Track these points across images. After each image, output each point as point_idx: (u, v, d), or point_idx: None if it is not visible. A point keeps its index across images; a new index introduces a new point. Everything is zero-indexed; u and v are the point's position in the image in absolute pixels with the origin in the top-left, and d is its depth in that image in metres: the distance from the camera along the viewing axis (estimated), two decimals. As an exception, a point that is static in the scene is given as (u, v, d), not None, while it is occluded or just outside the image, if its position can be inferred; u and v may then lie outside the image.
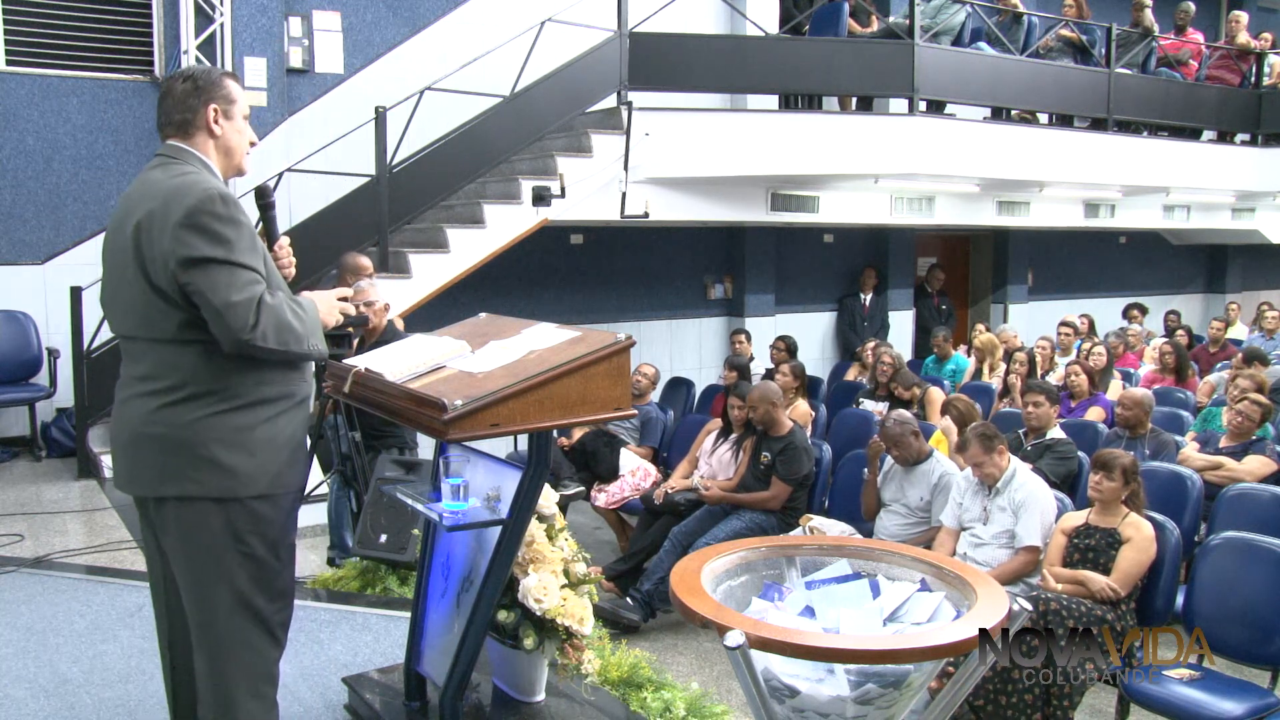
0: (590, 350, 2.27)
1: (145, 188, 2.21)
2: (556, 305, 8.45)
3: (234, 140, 2.33)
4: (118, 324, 2.28)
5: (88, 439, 6.07)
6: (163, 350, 2.17)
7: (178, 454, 2.15)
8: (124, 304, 2.22)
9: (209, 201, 2.10)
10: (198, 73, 2.31)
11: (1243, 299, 11.56)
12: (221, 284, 2.08)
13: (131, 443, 2.22)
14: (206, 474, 2.15)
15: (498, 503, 2.43)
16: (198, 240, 2.07)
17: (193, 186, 2.13)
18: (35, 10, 6.85)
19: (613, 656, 3.16)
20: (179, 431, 2.15)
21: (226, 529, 2.17)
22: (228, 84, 2.32)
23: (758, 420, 5.43)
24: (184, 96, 2.27)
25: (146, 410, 2.18)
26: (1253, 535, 3.80)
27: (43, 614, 3.80)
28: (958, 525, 4.51)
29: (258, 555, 2.21)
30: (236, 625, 2.20)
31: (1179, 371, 7.62)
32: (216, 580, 2.19)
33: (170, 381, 2.16)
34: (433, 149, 6.69)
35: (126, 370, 2.26)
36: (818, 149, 7.55)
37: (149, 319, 2.17)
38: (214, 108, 2.28)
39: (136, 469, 2.23)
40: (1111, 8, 10.22)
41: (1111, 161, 9.09)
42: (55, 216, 6.96)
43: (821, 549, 2.45)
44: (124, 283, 2.20)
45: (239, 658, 2.22)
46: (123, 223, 2.21)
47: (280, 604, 2.28)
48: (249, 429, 2.18)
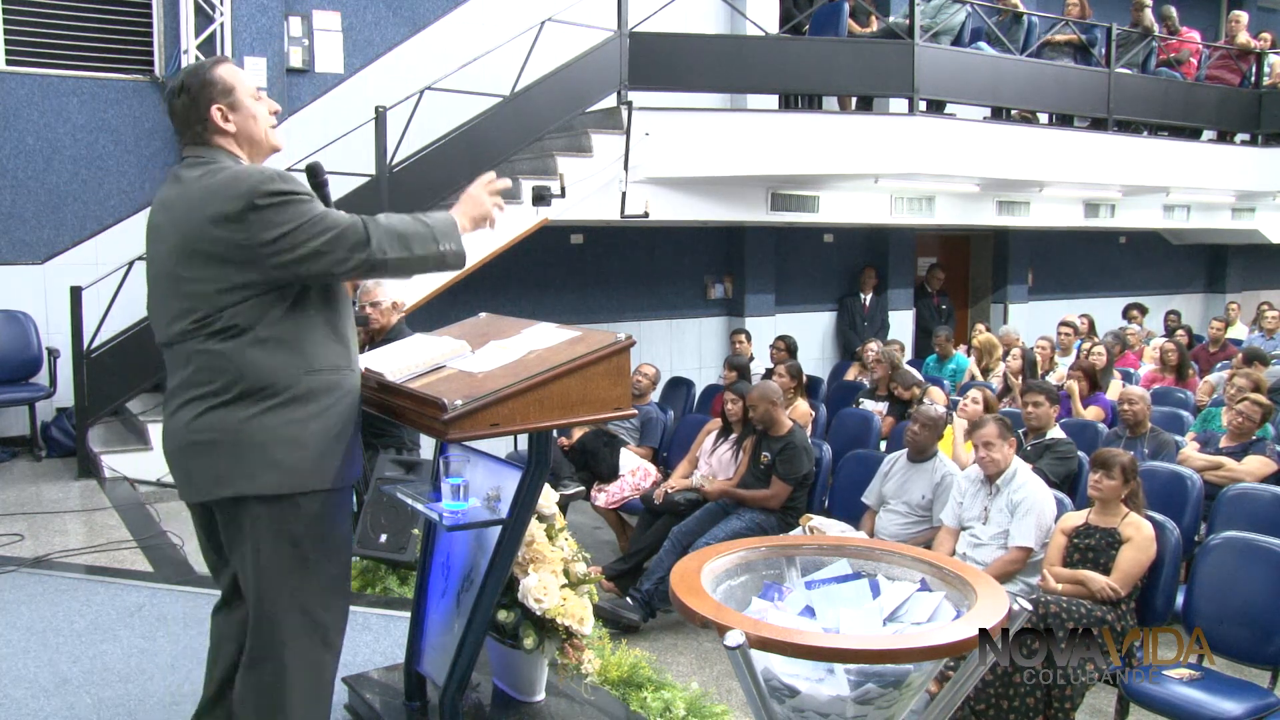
0: (590, 350, 2.27)
1: (184, 186, 2.17)
2: (556, 305, 8.44)
3: (249, 129, 2.26)
4: (163, 330, 2.23)
5: (87, 439, 6.07)
6: (209, 350, 2.13)
7: (233, 455, 2.12)
8: (169, 306, 2.18)
9: (268, 180, 2.10)
10: (188, 81, 2.23)
11: (1242, 299, 11.56)
12: (316, 214, 2.10)
13: (184, 450, 2.19)
14: (259, 472, 2.12)
15: (498, 502, 2.43)
16: (274, 190, 2.08)
17: (248, 171, 2.14)
18: (35, 10, 6.85)
19: (613, 656, 3.16)
20: (232, 433, 2.12)
21: (281, 528, 2.15)
22: (219, 75, 2.23)
23: (757, 419, 5.44)
24: (185, 110, 2.23)
25: (194, 415, 2.15)
26: (1253, 535, 3.80)
27: (43, 614, 3.79)
28: (958, 524, 4.52)
29: (311, 556, 2.19)
30: (291, 626, 2.19)
31: (1179, 371, 7.62)
32: (272, 579, 2.17)
33: (218, 383, 2.13)
34: (433, 149, 6.68)
35: (171, 379, 2.23)
36: (818, 149, 7.55)
37: (194, 308, 2.12)
38: (217, 107, 2.22)
39: (193, 476, 2.19)
40: (1111, 8, 10.22)
41: (1111, 161, 9.09)
42: (55, 216, 6.96)
43: (821, 549, 2.45)
44: (168, 281, 2.17)
45: (290, 659, 2.20)
46: (163, 223, 2.19)
47: (334, 608, 2.27)
48: (302, 423, 2.15)
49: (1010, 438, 4.50)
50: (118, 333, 6.18)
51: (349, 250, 2.12)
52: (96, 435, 6.24)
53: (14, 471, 6.21)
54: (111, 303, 6.04)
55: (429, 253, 2.22)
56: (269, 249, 2.08)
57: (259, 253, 2.08)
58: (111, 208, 7.10)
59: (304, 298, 2.19)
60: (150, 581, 4.17)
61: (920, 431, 4.99)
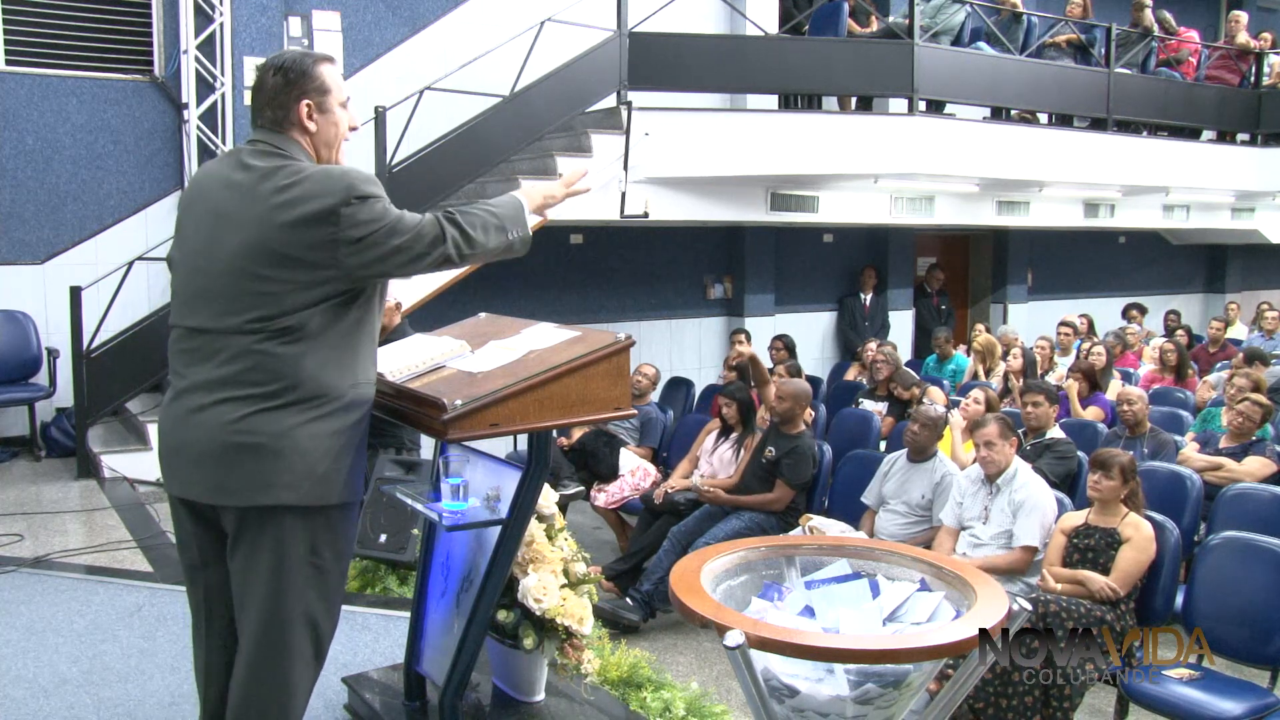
0: (590, 350, 2.27)
1: (255, 176, 2.11)
2: (556, 305, 8.44)
3: (329, 135, 2.22)
4: (213, 319, 2.11)
5: (87, 439, 6.07)
6: (267, 352, 2.06)
7: (275, 461, 2.06)
8: (230, 297, 2.08)
9: (363, 180, 2.11)
10: (289, 63, 2.18)
11: (1242, 299, 11.56)
12: (396, 213, 2.12)
13: (220, 451, 2.08)
14: (303, 482, 2.08)
15: (497, 502, 2.43)
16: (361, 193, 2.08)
17: (342, 170, 2.14)
18: (35, 10, 6.84)
19: (612, 656, 3.16)
20: (277, 439, 2.06)
21: (309, 539, 2.12)
22: (321, 73, 2.19)
23: (779, 413, 5.42)
24: (275, 92, 2.17)
25: (238, 415, 2.06)
26: (1252, 535, 3.80)
27: (42, 614, 3.79)
28: (958, 524, 4.53)
29: (328, 568, 2.17)
30: (300, 635, 2.15)
31: (1179, 371, 7.62)
32: (291, 590, 2.12)
33: (274, 385, 2.06)
34: (432, 149, 6.67)
35: (200, 372, 2.11)
36: (817, 149, 7.55)
37: (258, 306, 2.06)
38: (307, 103, 2.17)
39: (226, 478, 2.09)
40: (1111, 8, 10.23)
41: (1111, 161, 9.09)
42: (55, 216, 6.96)
43: (821, 549, 2.45)
44: (234, 276, 2.08)
45: (294, 669, 2.16)
46: (233, 211, 2.11)
47: (333, 620, 2.24)
48: (339, 434, 2.13)
49: (1011, 437, 4.50)
50: (117, 333, 6.17)
51: (428, 245, 2.13)
52: (96, 435, 6.24)
53: (13, 472, 6.20)
54: (111, 303, 6.04)
55: (499, 243, 2.24)
56: (354, 247, 2.06)
57: (342, 251, 2.06)
58: (111, 208, 7.10)
59: (364, 309, 2.17)
60: (150, 582, 4.17)
61: (920, 431, 4.99)
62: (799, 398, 5.43)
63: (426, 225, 2.14)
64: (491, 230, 2.22)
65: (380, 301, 2.26)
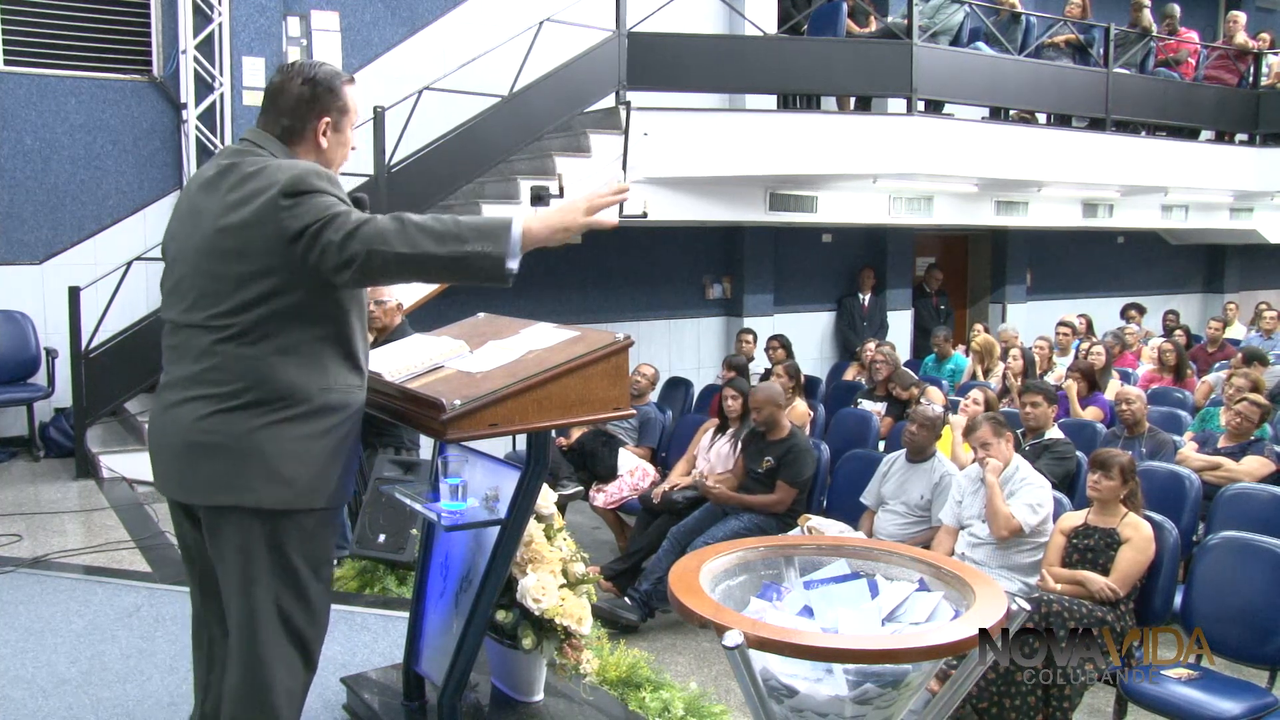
0: (589, 350, 2.27)
1: (219, 171, 2.11)
2: (556, 305, 8.44)
3: (336, 155, 2.22)
4: (183, 311, 2.12)
5: (86, 439, 6.06)
6: (229, 353, 2.05)
7: (235, 462, 2.05)
8: (198, 289, 2.09)
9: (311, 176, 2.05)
10: (321, 76, 2.15)
11: (1241, 299, 11.56)
12: (336, 210, 2.00)
13: (184, 449, 2.09)
14: (264, 485, 2.05)
15: (496, 503, 2.43)
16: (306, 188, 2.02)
17: (298, 164, 2.09)
18: (34, 10, 6.84)
19: (611, 656, 3.16)
20: (238, 440, 2.04)
21: (275, 542, 2.08)
22: (346, 93, 2.18)
23: (761, 421, 5.42)
24: (297, 102, 2.15)
25: (201, 414, 2.06)
26: (1251, 535, 3.80)
27: (41, 614, 3.79)
28: (957, 524, 4.53)
29: (301, 572, 2.13)
30: (275, 639, 2.12)
31: (1177, 371, 7.62)
32: (260, 592, 2.09)
33: (232, 386, 2.05)
34: (431, 149, 6.68)
35: (178, 369, 2.12)
36: (816, 149, 7.55)
37: (214, 301, 2.05)
38: (326, 120, 2.16)
39: (188, 476, 2.11)
40: (1111, 8, 10.23)
41: (1110, 161, 9.10)
42: (53, 216, 6.96)
43: (820, 549, 2.45)
44: (193, 269, 2.09)
45: (273, 674, 2.12)
46: (203, 201, 2.11)
47: (317, 625, 2.20)
48: (311, 439, 2.09)
49: (1006, 433, 4.50)
50: (116, 333, 6.17)
51: (357, 240, 1.97)
52: (95, 435, 6.24)
53: (12, 472, 6.20)
54: (110, 303, 6.03)
55: (449, 251, 1.99)
56: (297, 244, 2.01)
57: (287, 246, 2.01)
58: (110, 208, 7.09)
59: (332, 313, 2.13)
60: (148, 582, 4.17)
61: (918, 432, 4.99)
62: (772, 400, 5.41)
63: (362, 220, 2.00)
64: (449, 239, 2.00)
65: (361, 305, 2.22)
